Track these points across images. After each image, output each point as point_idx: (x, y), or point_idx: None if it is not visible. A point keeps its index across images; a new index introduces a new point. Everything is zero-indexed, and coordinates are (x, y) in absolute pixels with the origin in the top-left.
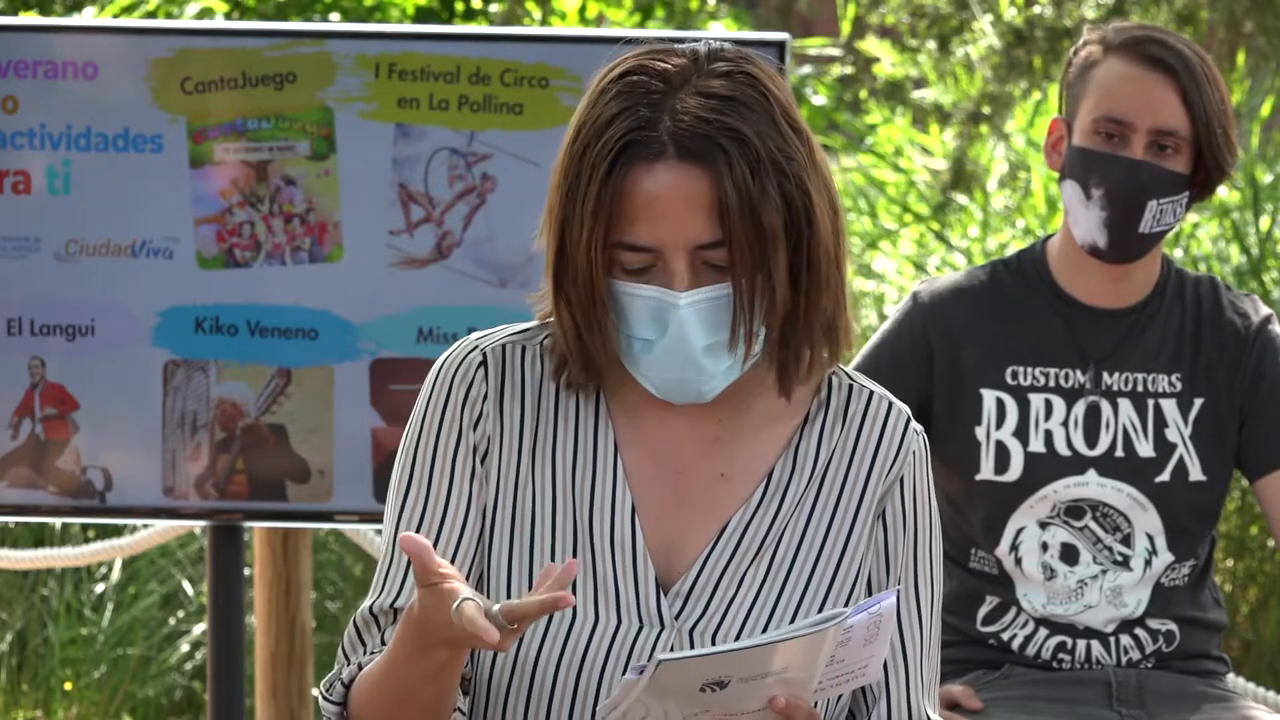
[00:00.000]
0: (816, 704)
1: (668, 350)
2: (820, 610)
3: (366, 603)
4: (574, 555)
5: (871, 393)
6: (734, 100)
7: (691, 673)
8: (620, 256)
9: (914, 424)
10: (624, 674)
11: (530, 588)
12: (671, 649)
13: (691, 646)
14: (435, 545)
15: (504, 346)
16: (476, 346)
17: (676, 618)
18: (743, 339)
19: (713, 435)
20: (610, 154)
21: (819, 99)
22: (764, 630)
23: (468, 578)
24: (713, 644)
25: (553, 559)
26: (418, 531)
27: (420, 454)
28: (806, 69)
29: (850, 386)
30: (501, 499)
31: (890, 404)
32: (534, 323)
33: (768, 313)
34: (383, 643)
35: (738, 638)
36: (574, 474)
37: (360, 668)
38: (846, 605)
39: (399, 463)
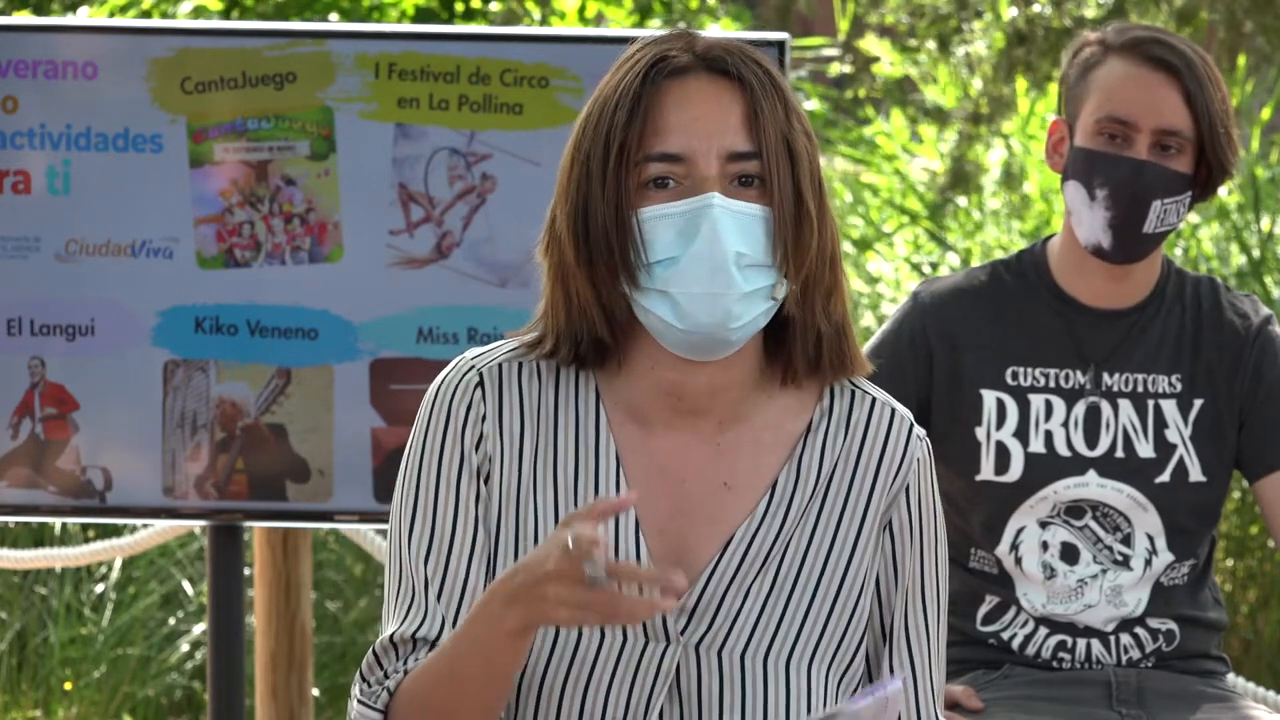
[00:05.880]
0: None
1: (696, 257)
2: (826, 622)
3: (387, 632)
4: None
5: (874, 399)
6: (749, 49)
7: None
8: (648, 170)
9: (917, 430)
10: (630, 687)
11: None
12: (678, 665)
13: (698, 661)
14: (445, 571)
15: (500, 365)
16: (473, 366)
17: (682, 632)
18: (780, 262)
19: (715, 444)
20: (640, 74)
21: (811, 104)
22: (770, 643)
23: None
24: (719, 659)
25: None
26: (427, 557)
27: (424, 480)
28: (803, 72)
29: (853, 393)
30: (505, 517)
31: (894, 410)
32: (528, 335)
33: (797, 248)
34: (405, 669)
35: (744, 651)
36: (576, 487)
37: (406, 673)
38: (852, 616)
39: (402, 489)
